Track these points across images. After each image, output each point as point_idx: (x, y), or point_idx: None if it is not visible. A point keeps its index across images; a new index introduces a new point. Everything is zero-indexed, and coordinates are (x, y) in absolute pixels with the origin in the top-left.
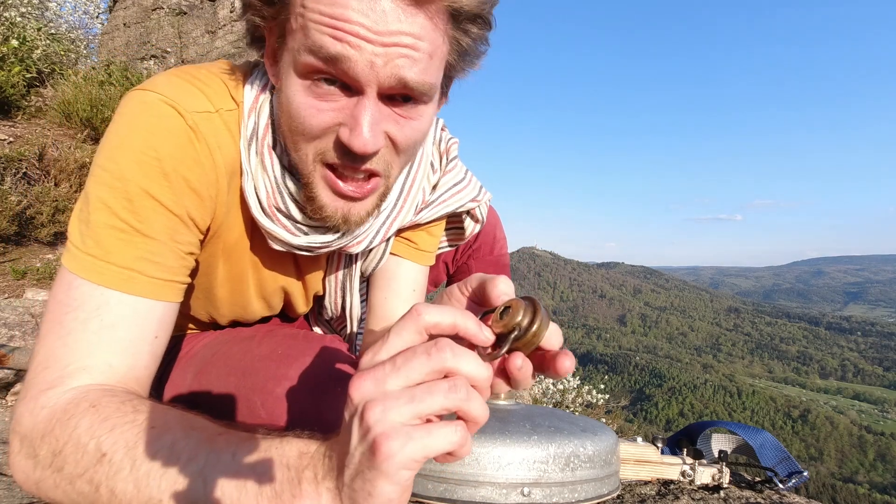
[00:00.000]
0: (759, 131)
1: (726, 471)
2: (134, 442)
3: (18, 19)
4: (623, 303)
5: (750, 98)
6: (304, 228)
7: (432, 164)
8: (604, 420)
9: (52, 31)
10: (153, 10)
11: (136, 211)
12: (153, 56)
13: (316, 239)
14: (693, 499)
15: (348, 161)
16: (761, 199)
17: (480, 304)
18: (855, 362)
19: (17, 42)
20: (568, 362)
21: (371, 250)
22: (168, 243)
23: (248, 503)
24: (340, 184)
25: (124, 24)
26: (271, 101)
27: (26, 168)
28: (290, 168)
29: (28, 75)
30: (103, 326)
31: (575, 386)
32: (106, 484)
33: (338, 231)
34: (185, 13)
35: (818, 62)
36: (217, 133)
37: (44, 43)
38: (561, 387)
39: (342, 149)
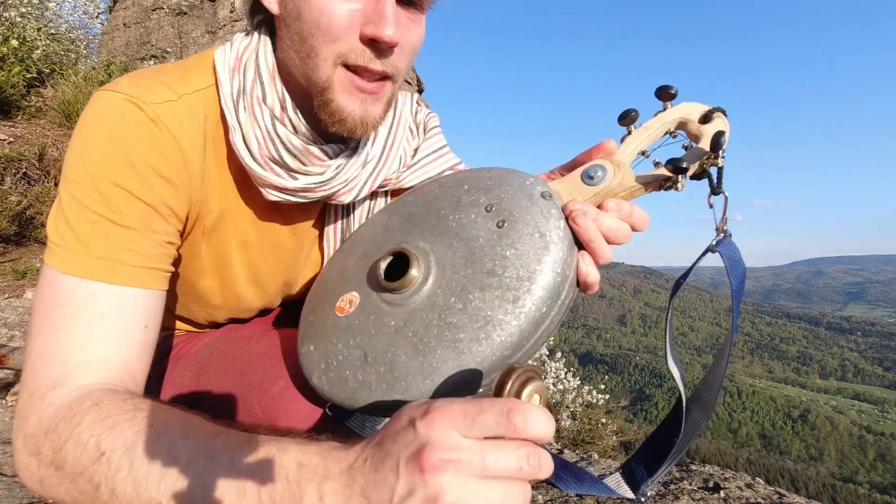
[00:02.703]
0: (759, 131)
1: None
2: (133, 442)
3: (18, 19)
4: (623, 303)
5: (750, 97)
6: (296, 174)
7: (410, 129)
8: (604, 420)
9: (52, 31)
10: (153, 10)
11: (107, 202)
12: (153, 56)
13: (308, 181)
14: (693, 499)
15: (373, 55)
16: (761, 199)
17: None
18: (855, 362)
19: (17, 42)
20: None
21: (364, 204)
22: (145, 232)
23: None
24: (359, 80)
25: (124, 24)
26: (256, 59)
27: (26, 168)
28: (284, 106)
29: (28, 75)
30: (92, 319)
31: (575, 386)
32: (105, 483)
33: (328, 172)
34: (185, 13)
35: (818, 61)
36: (181, 119)
37: (44, 43)
38: (561, 387)
39: (368, 44)
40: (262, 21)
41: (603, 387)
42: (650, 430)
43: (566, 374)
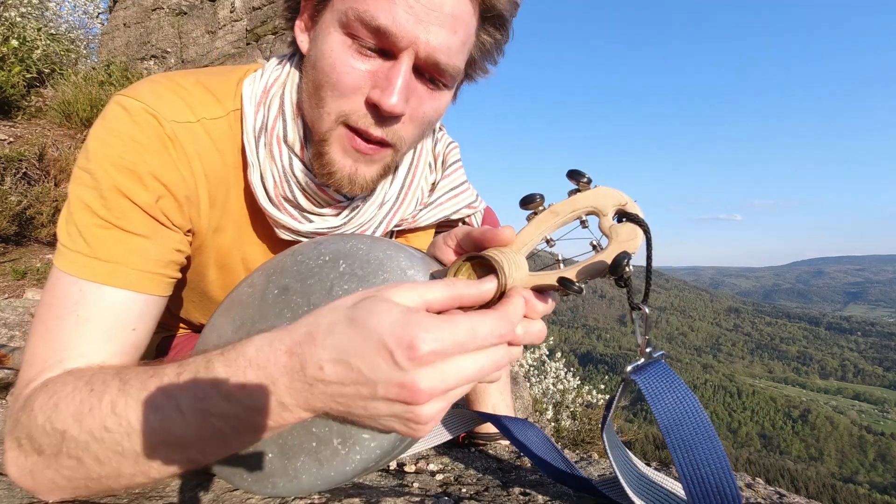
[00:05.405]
0: (759, 131)
1: None
2: (78, 413)
3: (18, 19)
4: (623, 303)
5: (750, 97)
6: (310, 216)
7: (429, 164)
8: None
9: (52, 31)
10: (153, 10)
11: (112, 208)
12: (153, 56)
13: (321, 225)
14: None
15: (373, 121)
16: (761, 199)
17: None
18: (855, 362)
19: (17, 42)
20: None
21: None
22: (151, 237)
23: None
24: (357, 140)
25: (124, 24)
26: (282, 94)
27: (26, 168)
28: (304, 144)
29: (28, 75)
30: (80, 320)
31: (575, 386)
32: (87, 455)
33: (342, 215)
34: (185, 13)
35: (819, 61)
36: (197, 142)
37: (44, 43)
38: (561, 387)
39: (371, 109)
40: (297, 53)
41: (603, 387)
42: (650, 430)
43: (566, 374)
